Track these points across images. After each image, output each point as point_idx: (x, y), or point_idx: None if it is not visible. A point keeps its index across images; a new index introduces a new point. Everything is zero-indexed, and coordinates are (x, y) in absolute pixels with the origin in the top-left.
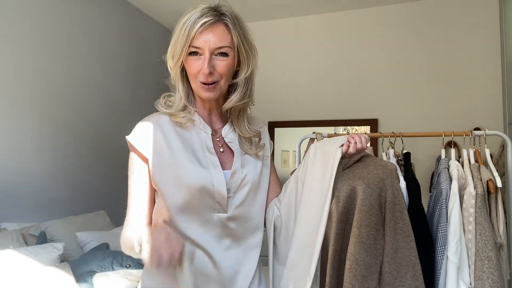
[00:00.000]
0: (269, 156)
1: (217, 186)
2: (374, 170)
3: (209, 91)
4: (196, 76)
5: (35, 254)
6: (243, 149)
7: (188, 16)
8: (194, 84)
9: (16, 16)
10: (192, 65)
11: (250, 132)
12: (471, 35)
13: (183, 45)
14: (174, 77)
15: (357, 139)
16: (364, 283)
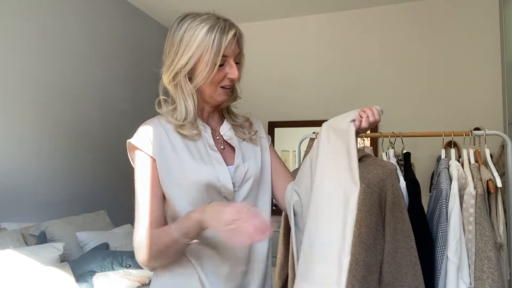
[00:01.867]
0: (265, 137)
1: (223, 181)
2: (374, 170)
3: (228, 94)
4: (220, 82)
5: (35, 254)
6: (239, 137)
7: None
8: (211, 92)
9: (15, 16)
10: (218, 73)
11: (240, 118)
12: (471, 35)
13: (215, 55)
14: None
15: (369, 112)
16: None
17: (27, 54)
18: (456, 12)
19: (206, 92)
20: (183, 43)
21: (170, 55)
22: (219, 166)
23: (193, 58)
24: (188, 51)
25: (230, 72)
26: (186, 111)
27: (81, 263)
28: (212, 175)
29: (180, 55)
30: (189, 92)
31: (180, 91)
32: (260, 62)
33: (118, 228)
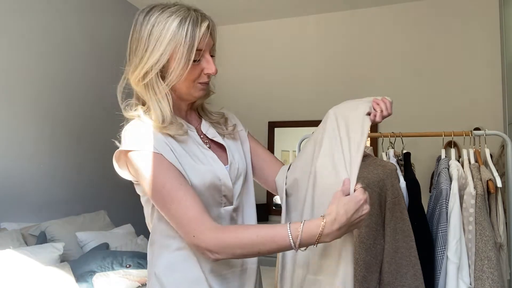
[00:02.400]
0: (242, 129)
1: (223, 180)
2: (374, 170)
3: (204, 90)
4: (196, 79)
5: (35, 254)
6: (219, 133)
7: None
8: (187, 89)
9: (15, 16)
10: (195, 69)
11: (216, 115)
12: (471, 35)
13: (189, 49)
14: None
15: (382, 106)
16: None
17: (27, 54)
18: (456, 12)
19: (182, 90)
20: (152, 39)
21: (137, 53)
22: (216, 165)
23: (165, 54)
24: (159, 47)
25: (207, 67)
26: (162, 114)
27: (81, 263)
28: (213, 175)
29: (150, 52)
30: (163, 92)
31: (152, 92)
32: (260, 62)
33: (118, 228)
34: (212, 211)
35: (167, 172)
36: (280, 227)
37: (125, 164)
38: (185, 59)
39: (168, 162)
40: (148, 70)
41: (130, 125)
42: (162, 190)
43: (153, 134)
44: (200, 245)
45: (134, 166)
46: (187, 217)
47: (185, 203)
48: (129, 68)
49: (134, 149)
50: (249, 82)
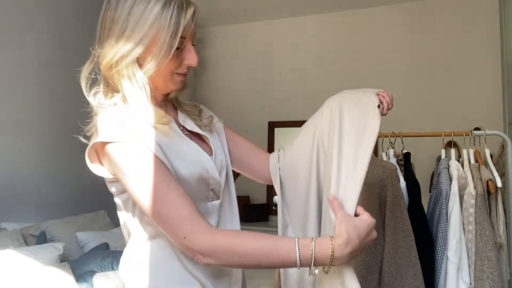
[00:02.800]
0: (218, 121)
1: (211, 172)
2: (374, 170)
3: (183, 81)
4: (176, 70)
5: (35, 254)
6: (197, 125)
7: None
8: (164, 79)
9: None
10: (176, 58)
11: (190, 106)
12: (471, 35)
13: (173, 37)
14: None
15: (388, 99)
16: (364, 283)
17: (28, 54)
18: (456, 12)
19: (159, 80)
20: (131, 19)
21: (112, 33)
22: (203, 157)
23: (145, 39)
24: (140, 30)
25: (189, 57)
26: (139, 104)
27: (81, 263)
28: (201, 167)
29: (129, 34)
30: (140, 81)
31: (127, 80)
32: (260, 62)
33: (118, 228)
34: (199, 206)
35: (154, 167)
36: (287, 241)
37: (96, 157)
38: (167, 46)
39: (154, 155)
40: (124, 55)
41: (107, 114)
42: (148, 186)
43: (134, 124)
44: (192, 248)
45: (113, 160)
46: (179, 216)
47: (175, 201)
48: (100, 51)
49: (113, 140)
50: (249, 82)
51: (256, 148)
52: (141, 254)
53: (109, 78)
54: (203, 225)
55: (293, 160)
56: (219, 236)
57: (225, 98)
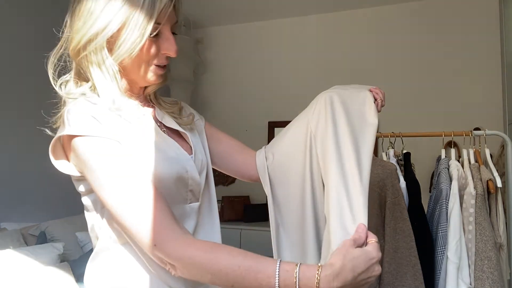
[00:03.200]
0: (199, 118)
1: (190, 172)
2: (374, 170)
3: (161, 73)
4: (153, 60)
5: (35, 254)
6: (178, 124)
7: None
8: (141, 70)
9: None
10: (152, 47)
11: (170, 104)
12: (471, 35)
13: (147, 21)
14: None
15: (381, 95)
16: None
17: (29, 54)
18: (456, 12)
19: (135, 71)
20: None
21: (80, 15)
22: (182, 155)
23: (115, 21)
24: (108, 11)
25: (167, 46)
26: (109, 93)
27: (81, 263)
28: (180, 166)
29: (97, 15)
30: (109, 69)
31: (96, 67)
32: (260, 62)
33: None
34: (177, 208)
35: (124, 164)
36: (268, 264)
37: (63, 153)
38: (140, 31)
39: (125, 152)
40: (91, 38)
41: (75, 105)
42: (119, 187)
43: (105, 116)
44: (163, 257)
45: (79, 155)
46: (150, 221)
47: (147, 204)
48: (68, 35)
49: (81, 134)
50: (249, 82)
51: (241, 146)
52: (109, 261)
53: (79, 66)
54: (177, 232)
55: (284, 157)
56: (193, 248)
57: (225, 98)
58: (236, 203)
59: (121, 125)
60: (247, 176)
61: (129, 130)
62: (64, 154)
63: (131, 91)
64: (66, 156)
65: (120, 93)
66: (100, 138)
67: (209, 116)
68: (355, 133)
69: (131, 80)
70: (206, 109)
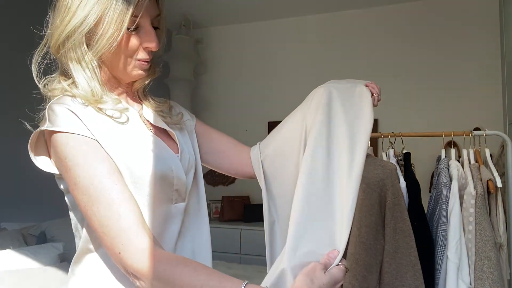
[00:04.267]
0: (190, 118)
1: (176, 171)
2: (374, 170)
3: (145, 68)
4: (134, 54)
5: (35, 254)
6: (164, 122)
7: None
8: (123, 65)
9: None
10: (131, 40)
11: (159, 102)
12: (471, 35)
13: (122, 14)
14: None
15: (377, 90)
16: (364, 283)
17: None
18: (456, 12)
19: (117, 67)
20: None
21: (59, 11)
22: (167, 153)
23: (91, 16)
24: (84, 6)
25: (146, 39)
26: (89, 88)
27: None
28: (164, 164)
29: (74, 11)
30: (89, 64)
31: (75, 63)
32: (260, 62)
33: None
34: (161, 208)
35: (100, 165)
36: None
37: (45, 149)
38: (116, 26)
39: (103, 152)
40: (70, 34)
41: (57, 101)
42: (90, 187)
43: (86, 113)
44: (125, 266)
45: (59, 153)
46: (117, 226)
47: (117, 208)
48: (49, 32)
49: (61, 130)
50: (249, 82)
51: (234, 142)
52: (89, 263)
53: (60, 62)
54: (143, 241)
55: (278, 152)
56: (156, 260)
57: (225, 98)
58: (236, 203)
59: (103, 122)
60: (241, 173)
61: (112, 127)
62: (47, 151)
63: (117, 87)
64: (48, 153)
65: (100, 88)
66: (79, 135)
67: (209, 116)
68: (352, 130)
69: (115, 76)
70: (206, 109)
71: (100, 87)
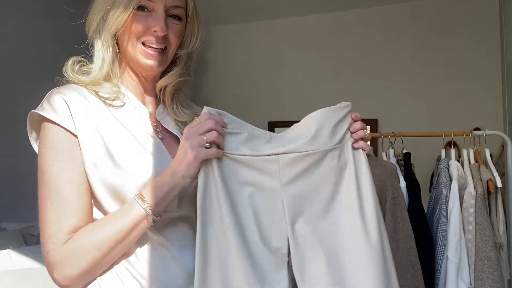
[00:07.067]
0: None
1: None
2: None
3: (154, 58)
4: (140, 36)
5: (35, 254)
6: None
7: None
8: (131, 48)
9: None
10: (139, 21)
11: (185, 116)
12: (471, 35)
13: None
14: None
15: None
16: None
17: (29, 54)
18: (456, 12)
19: (128, 50)
20: None
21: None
22: (162, 158)
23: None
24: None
25: (153, 23)
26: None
27: None
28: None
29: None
30: (105, 41)
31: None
32: (260, 62)
33: None
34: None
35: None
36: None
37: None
38: (124, 6)
39: (78, 152)
40: (94, 17)
41: (58, 88)
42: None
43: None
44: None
45: (40, 137)
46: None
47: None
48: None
49: (46, 116)
50: (249, 82)
51: None
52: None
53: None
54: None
55: None
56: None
57: (225, 98)
58: None
59: (106, 118)
60: None
61: (114, 124)
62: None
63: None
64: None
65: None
66: (60, 128)
67: None
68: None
69: (131, 69)
70: None
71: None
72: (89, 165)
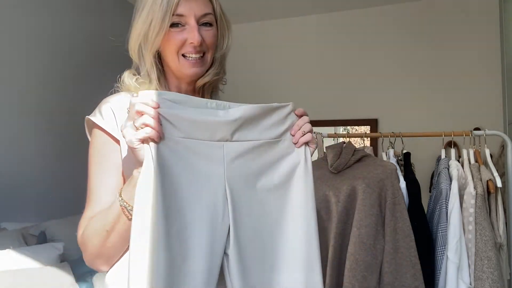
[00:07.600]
0: None
1: None
2: (374, 170)
3: (196, 66)
4: (178, 50)
5: (35, 254)
6: None
7: None
8: (174, 62)
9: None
10: (174, 37)
11: None
12: (471, 35)
13: (164, 14)
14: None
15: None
16: (364, 283)
17: (29, 54)
18: (456, 12)
19: (170, 63)
20: (139, 2)
21: (134, 19)
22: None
23: (148, 19)
24: (142, 9)
25: (189, 36)
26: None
27: (81, 263)
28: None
29: (139, 16)
30: (149, 57)
31: (142, 60)
32: (260, 62)
33: None
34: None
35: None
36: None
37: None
38: (160, 22)
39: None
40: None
41: (108, 97)
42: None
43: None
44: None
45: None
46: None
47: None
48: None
49: (95, 121)
50: (249, 82)
51: None
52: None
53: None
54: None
55: None
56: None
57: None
58: None
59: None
60: None
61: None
62: None
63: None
64: None
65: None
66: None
67: None
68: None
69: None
70: None
71: (156, 80)
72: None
